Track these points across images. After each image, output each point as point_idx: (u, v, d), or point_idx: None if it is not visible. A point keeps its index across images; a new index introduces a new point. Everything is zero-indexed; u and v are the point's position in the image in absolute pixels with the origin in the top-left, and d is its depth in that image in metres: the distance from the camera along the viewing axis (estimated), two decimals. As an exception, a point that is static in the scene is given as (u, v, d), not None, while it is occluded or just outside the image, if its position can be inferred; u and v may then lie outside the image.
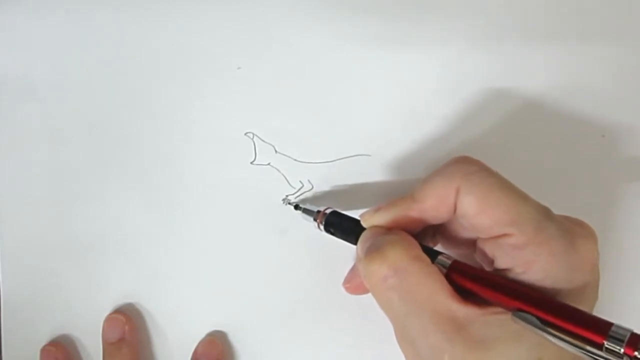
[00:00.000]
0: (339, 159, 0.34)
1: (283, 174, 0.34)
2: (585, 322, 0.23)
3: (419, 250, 0.26)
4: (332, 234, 0.31)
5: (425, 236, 0.30)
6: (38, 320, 0.36)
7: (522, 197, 0.26)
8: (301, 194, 0.34)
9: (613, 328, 0.22)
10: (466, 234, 0.28)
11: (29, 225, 0.36)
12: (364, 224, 0.29)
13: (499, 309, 0.24)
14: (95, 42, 0.36)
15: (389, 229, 0.28)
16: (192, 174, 0.35)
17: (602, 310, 0.25)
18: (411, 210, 0.27)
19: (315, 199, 0.34)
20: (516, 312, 0.24)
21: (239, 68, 0.35)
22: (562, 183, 0.33)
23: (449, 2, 0.34)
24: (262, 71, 0.35)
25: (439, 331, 0.24)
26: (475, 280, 0.26)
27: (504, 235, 0.25)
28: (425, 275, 0.25)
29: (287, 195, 0.34)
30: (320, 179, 0.34)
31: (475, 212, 0.26)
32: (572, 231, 0.25)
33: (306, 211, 0.32)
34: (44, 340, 0.36)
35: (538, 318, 0.23)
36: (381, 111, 0.34)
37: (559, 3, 0.33)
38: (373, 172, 0.34)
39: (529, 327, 0.23)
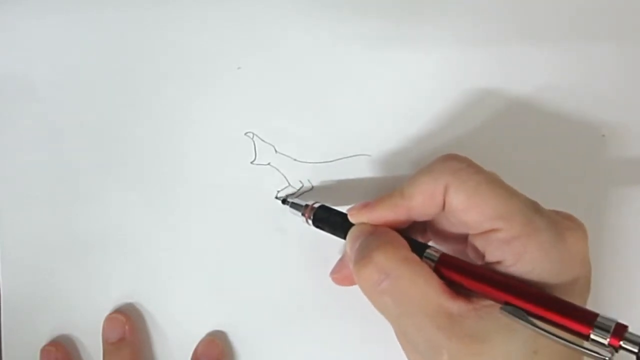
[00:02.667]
0: (339, 159, 0.34)
1: (283, 174, 0.34)
2: (570, 313, 0.23)
3: (407, 251, 0.27)
4: (320, 228, 0.31)
5: (415, 232, 0.30)
6: (38, 320, 0.36)
7: (510, 192, 0.26)
8: (301, 194, 0.34)
9: (599, 319, 0.22)
10: (456, 229, 0.28)
11: (29, 225, 0.36)
12: (351, 219, 0.29)
13: (490, 303, 0.25)
14: (95, 42, 0.36)
15: (377, 226, 0.28)
16: (192, 174, 0.35)
17: (598, 310, 0.25)
18: (399, 207, 0.27)
19: (312, 195, 0.34)
20: (504, 305, 0.24)
21: (239, 68, 0.35)
22: (562, 182, 0.33)
23: (448, 2, 0.34)
24: (262, 71, 0.35)
25: (435, 328, 0.24)
26: (463, 273, 0.26)
27: (493, 230, 0.25)
28: (416, 275, 0.25)
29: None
30: (321, 179, 0.34)
31: (464, 209, 0.26)
32: (561, 224, 0.25)
33: (294, 205, 0.32)
34: (44, 340, 0.36)
35: (524, 310, 0.23)
36: (381, 111, 0.34)
37: (559, 2, 0.33)
38: (373, 172, 0.34)
39: (516, 320, 0.23)
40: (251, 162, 0.34)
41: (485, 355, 0.24)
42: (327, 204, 0.31)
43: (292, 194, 0.34)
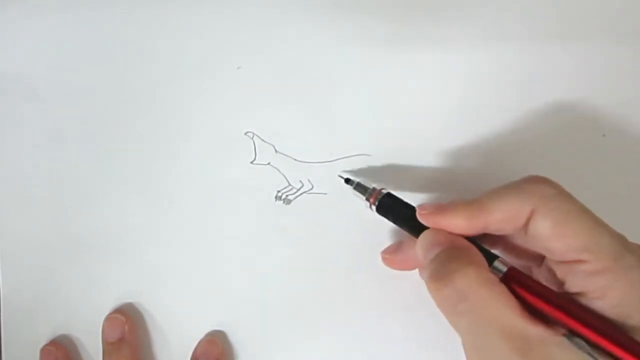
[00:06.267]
0: (339, 159, 0.34)
1: (283, 174, 0.34)
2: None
3: (487, 272, 0.26)
4: (383, 215, 0.30)
5: (485, 240, 0.29)
6: (38, 320, 0.36)
7: (599, 224, 0.25)
8: (301, 194, 0.34)
9: None
10: (533, 249, 0.28)
11: (29, 225, 0.36)
12: (422, 220, 0.28)
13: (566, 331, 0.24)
14: (95, 42, 0.36)
15: (455, 238, 0.27)
16: (192, 174, 0.35)
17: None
18: (476, 220, 0.27)
19: (312, 196, 0.34)
20: (569, 334, 0.24)
21: (239, 68, 0.35)
22: (561, 182, 0.33)
23: (450, 2, 0.34)
24: (262, 71, 0.35)
25: (513, 351, 0.24)
26: (531, 292, 0.25)
27: (579, 261, 0.25)
28: (496, 297, 0.25)
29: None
30: (320, 179, 0.34)
31: (550, 236, 0.25)
32: None
33: (359, 187, 0.31)
34: (44, 340, 0.36)
35: (590, 343, 0.23)
36: (381, 111, 0.34)
37: (561, 3, 0.33)
38: (373, 172, 0.34)
39: (579, 351, 0.23)
40: (251, 162, 0.34)
41: None
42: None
43: (292, 194, 0.34)
